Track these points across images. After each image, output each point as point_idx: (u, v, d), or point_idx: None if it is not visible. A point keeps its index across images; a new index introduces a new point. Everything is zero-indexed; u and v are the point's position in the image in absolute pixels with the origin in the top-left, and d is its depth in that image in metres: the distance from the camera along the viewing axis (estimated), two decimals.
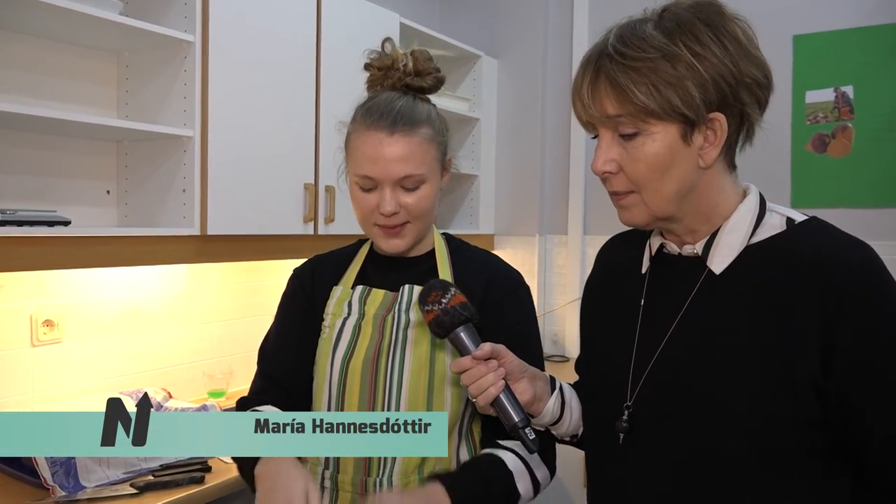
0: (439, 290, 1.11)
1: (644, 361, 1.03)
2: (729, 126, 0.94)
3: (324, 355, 1.30)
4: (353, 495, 1.25)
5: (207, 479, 1.76)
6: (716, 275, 0.99)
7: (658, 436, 1.00)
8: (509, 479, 1.22)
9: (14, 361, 1.98)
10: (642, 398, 1.02)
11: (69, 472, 1.66)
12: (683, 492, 0.97)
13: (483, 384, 1.05)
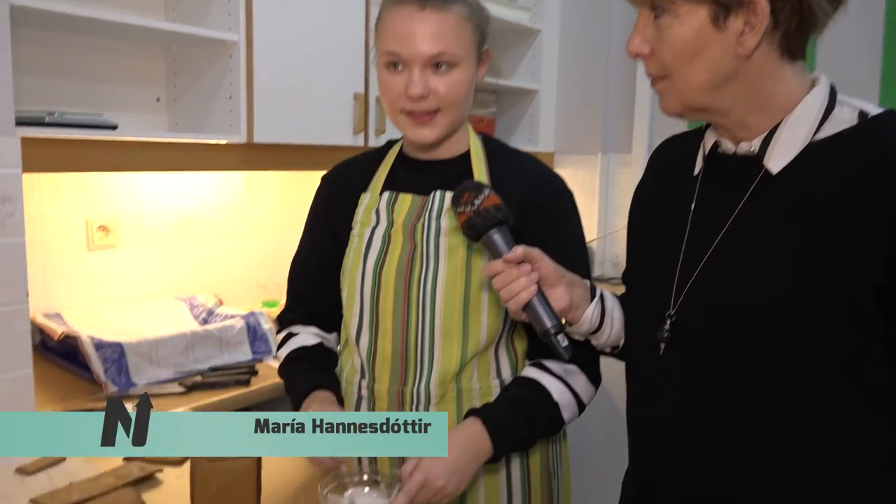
0: (472, 191, 1.05)
1: (690, 268, 0.95)
2: (778, 10, 0.83)
3: (353, 265, 1.26)
4: (389, 404, 1.23)
5: (253, 383, 1.79)
6: (772, 175, 0.89)
7: (700, 346, 0.93)
8: (554, 412, 1.18)
9: (72, 266, 2.03)
10: (686, 307, 0.95)
11: (121, 369, 1.70)
12: (724, 404, 0.90)
13: (514, 288, 1.00)
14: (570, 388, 1.18)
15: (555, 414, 1.18)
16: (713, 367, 0.92)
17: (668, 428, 0.98)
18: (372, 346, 1.23)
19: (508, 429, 1.14)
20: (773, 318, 0.86)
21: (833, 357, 0.83)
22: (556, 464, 1.30)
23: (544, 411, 1.18)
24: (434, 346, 1.20)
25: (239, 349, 1.93)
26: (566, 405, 1.19)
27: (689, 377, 0.94)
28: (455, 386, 1.21)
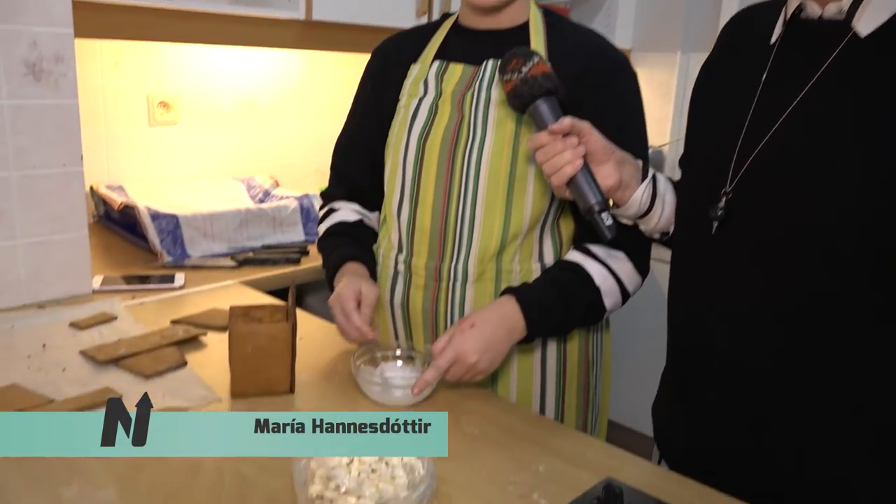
0: (520, 58, 0.98)
1: (754, 142, 0.86)
2: None
3: (398, 138, 1.21)
4: (426, 280, 1.21)
5: (303, 262, 1.80)
6: (861, 38, 0.79)
7: (756, 228, 0.85)
8: (595, 297, 1.13)
9: (133, 140, 2.06)
10: (744, 184, 0.87)
11: (176, 241, 1.73)
12: (777, 290, 0.84)
13: (558, 162, 0.94)
14: (613, 274, 1.13)
15: (595, 299, 1.13)
16: (768, 254, 0.84)
17: (710, 319, 0.92)
18: (411, 219, 1.20)
19: (544, 309, 1.10)
20: (842, 202, 0.78)
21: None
22: (595, 353, 1.26)
23: (584, 296, 1.13)
24: (475, 222, 1.15)
25: (292, 229, 1.94)
26: (608, 291, 1.13)
27: (740, 259, 0.87)
28: (494, 265, 1.17)
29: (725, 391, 0.90)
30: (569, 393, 1.23)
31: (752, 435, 0.88)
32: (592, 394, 1.27)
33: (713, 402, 0.92)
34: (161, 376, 1.12)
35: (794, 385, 0.84)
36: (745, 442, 0.89)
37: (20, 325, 1.28)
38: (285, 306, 1.16)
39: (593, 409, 1.28)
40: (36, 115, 1.32)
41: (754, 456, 0.88)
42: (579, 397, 1.24)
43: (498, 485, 0.88)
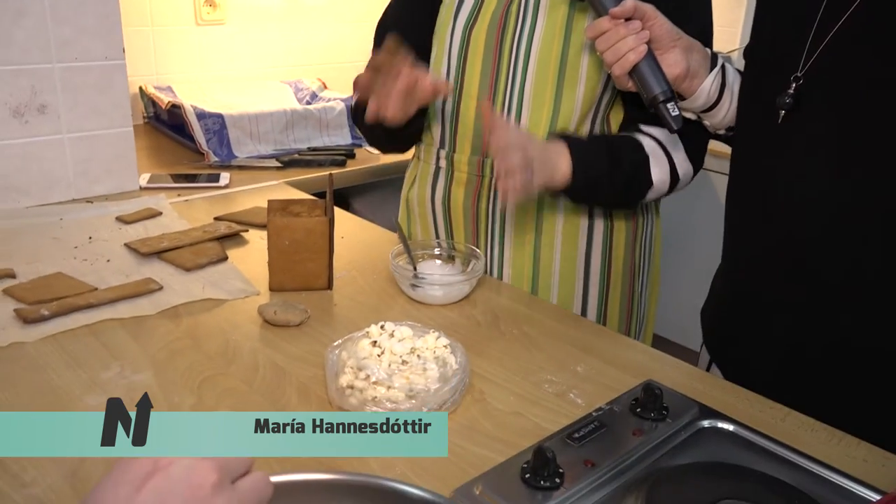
0: None
1: (831, 21, 0.77)
2: None
3: (444, 23, 1.14)
4: (469, 175, 1.16)
5: (349, 165, 1.77)
6: None
7: (827, 118, 0.78)
8: (643, 161, 1.06)
9: (180, 39, 2.03)
10: (817, 68, 0.78)
11: (222, 141, 1.72)
12: (841, 190, 0.77)
13: (621, 48, 0.87)
14: (665, 150, 1.06)
15: (642, 163, 1.05)
16: (841, 146, 0.77)
17: (773, 220, 0.86)
18: (454, 112, 1.14)
19: (591, 162, 1.02)
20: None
21: None
22: (643, 261, 1.21)
23: (632, 157, 1.06)
24: (521, 114, 1.09)
25: (339, 132, 1.90)
26: (658, 161, 1.06)
27: (808, 151, 0.80)
28: None
29: (793, 304, 0.85)
30: (612, 300, 1.19)
31: (823, 352, 0.84)
32: (637, 302, 1.22)
33: (779, 316, 0.87)
34: (202, 269, 1.12)
35: (872, 298, 0.78)
36: (811, 353, 0.84)
37: (68, 219, 1.29)
38: (324, 202, 1.14)
39: (638, 318, 1.23)
40: (76, 4, 1.29)
41: (819, 367, 0.84)
42: (622, 305, 1.20)
43: (534, 383, 0.86)
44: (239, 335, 0.94)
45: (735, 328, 0.96)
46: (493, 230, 1.17)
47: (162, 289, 1.04)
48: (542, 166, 0.98)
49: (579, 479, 0.67)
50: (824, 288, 0.82)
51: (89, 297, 1.00)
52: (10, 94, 1.27)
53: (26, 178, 1.33)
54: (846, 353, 0.83)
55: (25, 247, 1.17)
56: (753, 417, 0.79)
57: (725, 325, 0.99)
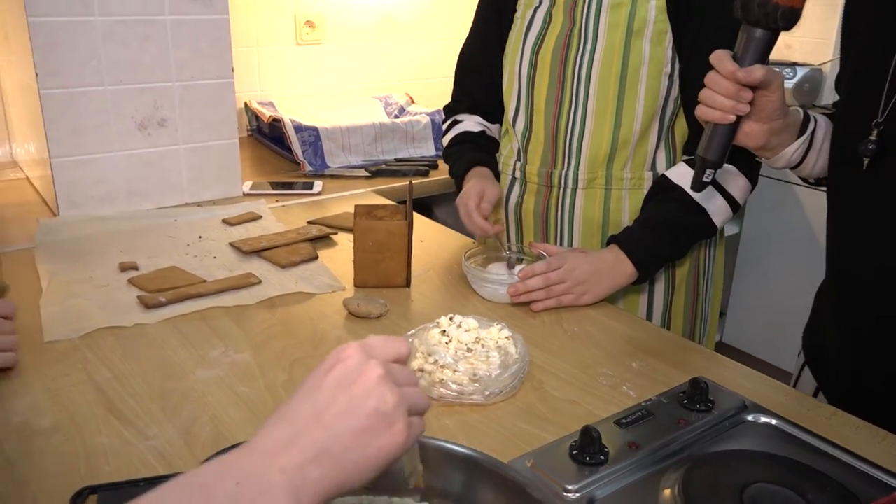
0: None
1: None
2: None
3: (514, 49, 1.24)
4: (539, 186, 1.25)
5: (432, 175, 1.88)
6: None
7: None
8: (704, 219, 1.13)
9: (283, 58, 2.20)
10: (893, 124, 0.81)
11: (316, 152, 1.86)
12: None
13: (717, 101, 0.85)
14: (722, 190, 1.11)
15: (705, 220, 1.13)
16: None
17: (870, 248, 0.88)
18: (527, 128, 1.23)
19: (652, 252, 1.12)
20: None
21: None
22: (706, 264, 1.26)
23: (691, 222, 1.13)
24: (585, 128, 1.17)
25: (424, 144, 2.02)
26: (718, 210, 1.12)
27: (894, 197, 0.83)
28: (605, 172, 1.19)
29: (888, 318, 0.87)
30: (675, 305, 1.24)
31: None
32: (702, 302, 1.27)
33: None
34: (295, 266, 1.24)
35: None
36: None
37: (182, 220, 1.45)
38: (405, 208, 1.24)
39: (702, 319, 1.28)
40: (193, 30, 1.46)
41: None
42: (686, 311, 1.25)
43: (590, 376, 0.93)
44: (326, 324, 1.05)
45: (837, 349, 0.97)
46: (561, 235, 1.24)
47: (260, 282, 1.17)
48: (598, 277, 1.09)
49: (623, 459, 0.74)
50: None
51: (199, 287, 1.14)
52: (136, 110, 1.45)
53: (147, 184, 1.50)
54: None
55: (146, 244, 1.33)
56: (800, 414, 0.84)
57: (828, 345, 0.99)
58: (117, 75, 1.41)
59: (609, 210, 1.20)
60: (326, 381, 0.50)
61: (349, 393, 0.49)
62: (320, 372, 0.51)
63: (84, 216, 1.43)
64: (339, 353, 0.51)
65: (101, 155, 1.44)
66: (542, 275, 1.07)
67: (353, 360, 0.50)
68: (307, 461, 0.46)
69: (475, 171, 1.27)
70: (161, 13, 1.42)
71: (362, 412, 0.48)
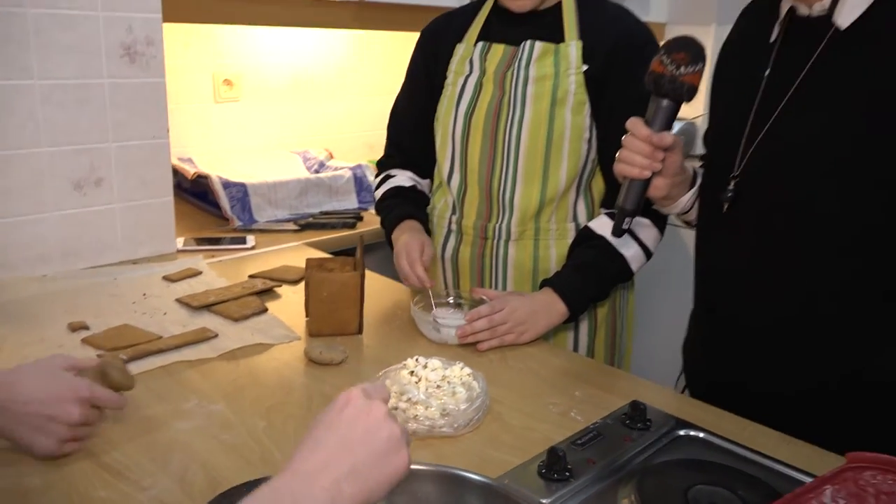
0: (689, 56, 0.96)
1: (756, 132, 1.00)
2: None
3: (446, 112, 1.36)
4: (474, 237, 1.37)
5: (358, 227, 1.97)
6: (841, 31, 0.91)
7: (759, 207, 1.00)
8: (623, 264, 1.28)
9: (201, 115, 2.24)
10: (748, 169, 1.00)
11: (244, 207, 1.91)
12: (777, 258, 0.98)
13: (636, 161, 1.00)
14: (637, 240, 1.27)
15: (623, 266, 1.29)
16: (773, 227, 0.98)
17: (726, 279, 1.06)
18: (462, 186, 1.36)
19: (580, 292, 1.26)
20: (829, 168, 0.91)
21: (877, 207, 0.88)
22: (622, 304, 1.41)
23: (613, 267, 1.28)
24: (516, 188, 1.30)
25: (347, 197, 2.11)
26: (633, 257, 1.28)
27: (747, 233, 1.01)
28: (534, 225, 1.33)
29: (748, 328, 1.05)
30: (598, 338, 1.38)
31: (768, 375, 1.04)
32: (619, 338, 1.42)
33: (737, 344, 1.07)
34: (247, 319, 1.30)
35: (783, 343, 1.00)
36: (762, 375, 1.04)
37: (122, 278, 1.47)
38: (353, 259, 1.33)
39: (619, 352, 1.43)
40: (130, 93, 1.50)
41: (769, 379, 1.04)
42: (607, 339, 1.40)
43: (540, 405, 1.04)
44: (290, 372, 1.11)
45: (704, 357, 1.15)
46: (496, 281, 1.36)
47: (217, 336, 1.22)
48: (535, 318, 1.22)
49: (584, 474, 0.85)
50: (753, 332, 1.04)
51: (158, 343, 1.17)
52: (72, 171, 1.46)
53: (81, 243, 1.51)
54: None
55: (89, 303, 1.34)
56: (720, 427, 0.98)
57: (697, 356, 1.18)
58: (54, 137, 1.42)
59: (538, 258, 1.34)
60: (343, 416, 0.60)
61: (365, 426, 0.59)
62: (334, 411, 0.61)
63: (21, 277, 1.42)
64: (347, 397, 0.62)
65: (36, 216, 1.44)
66: (486, 317, 1.18)
67: (360, 401, 0.61)
68: (342, 479, 0.56)
69: (407, 223, 1.37)
70: (99, 76, 1.45)
71: (378, 440, 0.59)
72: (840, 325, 0.97)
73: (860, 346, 0.97)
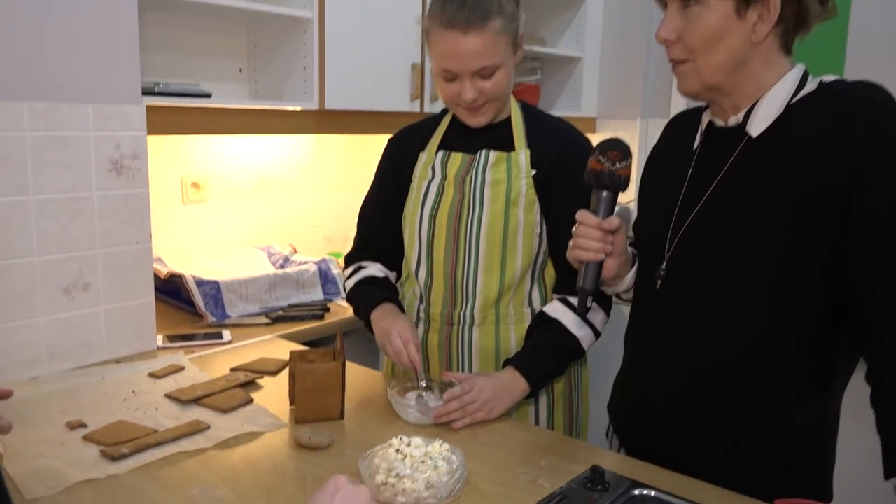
0: (620, 153, 1.15)
1: (682, 223, 1.19)
2: (784, 7, 1.05)
3: (413, 212, 1.53)
4: (441, 324, 1.52)
5: (326, 318, 2.09)
6: (753, 138, 1.12)
7: (687, 283, 1.17)
8: (576, 345, 1.45)
9: (169, 217, 2.36)
10: (677, 255, 1.19)
11: (217, 303, 2.02)
12: (700, 328, 1.15)
13: (590, 246, 1.17)
14: (588, 322, 1.44)
15: (576, 346, 1.45)
16: (696, 305, 1.16)
17: (653, 346, 1.23)
18: (428, 277, 1.51)
19: (539, 370, 1.42)
20: (743, 259, 1.10)
21: (789, 292, 1.07)
22: (576, 379, 1.57)
23: (567, 346, 1.45)
24: (477, 278, 1.47)
25: (313, 290, 2.24)
26: (585, 337, 1.45)
27: (676, 306, 1.19)
28: (494, 311, 1.48)
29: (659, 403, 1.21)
30: (557, 408, 1.53)
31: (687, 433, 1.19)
32: (576, 410, 1.57)
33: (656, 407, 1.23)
34: (235, 411, 1.40)
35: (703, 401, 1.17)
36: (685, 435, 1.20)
37: (109, 377, 1.55)
38: (332, 350, 1.45)
39: (577, 420, 1.58)
40: (117, 203, 1.62)
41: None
42: (565, 411, 1.55)
43: (512, 475, 1.17)
44: (282, 457, 1.22)
45: (631, 419, 1.30)
46: (462, 363, 1.51)
47: (210, 427, 1.32)
48: (501, 395, 1.36)
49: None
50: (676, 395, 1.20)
51: (156, 437, 1.26)
52: (62, 277, 1.56)
53: (68, 345, 1.59)
54: None
55: (83, 402, 1.42)
56: (672, 485, 1.12)
57: (624, 417, 1.33)
58: (47, 247, 1.53)
59: (500, 340, 1.49)
60: (336, 500, 0.75)
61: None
62: (325, 496, 0.77)
63: (12, 380, 1.49)
64: (336, 483, 0.77)
65: (27, 321, 1.52)
66: (458, 398, 1.32)
67: (349, 487, 0.77)
68: None
69: (387, 306, 1.51)
70: (89, 190, 1.58)
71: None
72: (753, 381, 1.13)
73: (777, 399, 1.13)
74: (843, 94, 1.06)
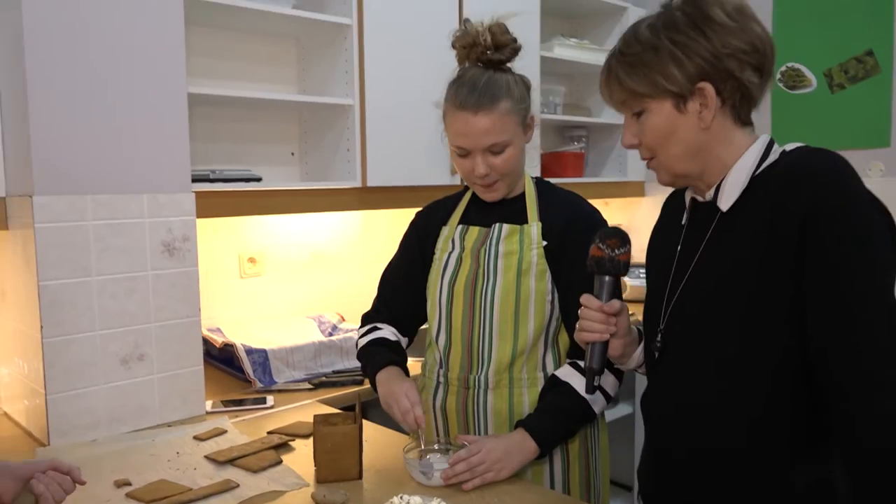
0: (618, 241, 1.26)
1: (671, 300, 1.25)
2: (721, 91, 1.13)
3: (434, 282, 1.64)
4: (458, 388, 1.60)
5: (365, 383, 2.20)
6: (724, 212, 1.18)
7: (679, 354, 1.23)
8: (586, 407, 1.50)
9: (228, 290, 2.55)
10: (669, 328, 1.25)
11: (265, 370, 2.16)
12: (694, 392, 1.20)
13: (594, 328, 1.26)
14: (599, 387, 1.49)
15: (587, 408, 1.50)
16: (690, 369, 1.21)
17: (661, 414, 1.27)
18: (447, 343, 1.61)
19: (549, 431, 1.47)
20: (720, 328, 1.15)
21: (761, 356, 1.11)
22: (593, 443, 1.61)
23: (577, 409, 1.50)
24: (492, 344, 1.55)
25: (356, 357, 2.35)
26: (595, 400, 1.50)
27: (672, 376, 1.24)
28: (508, 375, 1.56)
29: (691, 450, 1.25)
30: (573, 471, 1.57)
31: None
32: (593, 473, 1.60)
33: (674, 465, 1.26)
34: (265, 471, 1.51)
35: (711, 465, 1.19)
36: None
37: (159, 440, 1.70)
38: (354, 414, 1.55)
39: (595, 486, 1.61)
40: (169, 281, 1.80)
41: None
42: (581, 475, 1.58)
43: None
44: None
45: (655, 483, 1.33)
46: (478, 426, 1.58)
47: (238, 486, 1.43)
48: (510, 456, 1.43)
49: None
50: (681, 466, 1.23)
51: (189, 494, 1.38)
52: (120, 349, 1.74)
53: (125, 410, 1.76)
54: None
55: (132, 462, 1.56)
56: None
57: (648, 481, 1.35)
58: (106, 322, 1.71)
59: (514, 404, 1.56)
60: None
61: None
62: None
63: (73, 443, 1.66)
64: None
65: (89, 388, 1.70)
66: (466, 460, 1.39)
67: None
68: None
69: (393, 369, 1.59)
70: (144, 270, 1.76)
71: None
72: (755, 453, 1.16)
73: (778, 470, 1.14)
74: (795, 162, 1.11)
